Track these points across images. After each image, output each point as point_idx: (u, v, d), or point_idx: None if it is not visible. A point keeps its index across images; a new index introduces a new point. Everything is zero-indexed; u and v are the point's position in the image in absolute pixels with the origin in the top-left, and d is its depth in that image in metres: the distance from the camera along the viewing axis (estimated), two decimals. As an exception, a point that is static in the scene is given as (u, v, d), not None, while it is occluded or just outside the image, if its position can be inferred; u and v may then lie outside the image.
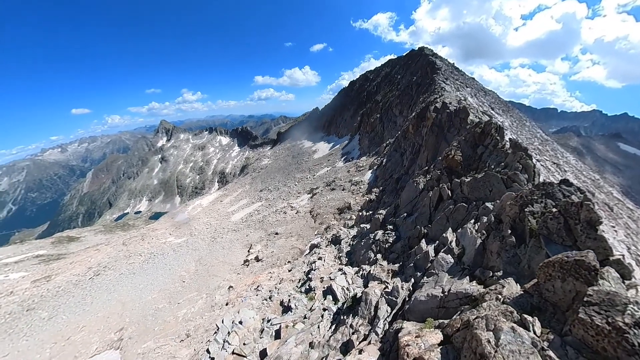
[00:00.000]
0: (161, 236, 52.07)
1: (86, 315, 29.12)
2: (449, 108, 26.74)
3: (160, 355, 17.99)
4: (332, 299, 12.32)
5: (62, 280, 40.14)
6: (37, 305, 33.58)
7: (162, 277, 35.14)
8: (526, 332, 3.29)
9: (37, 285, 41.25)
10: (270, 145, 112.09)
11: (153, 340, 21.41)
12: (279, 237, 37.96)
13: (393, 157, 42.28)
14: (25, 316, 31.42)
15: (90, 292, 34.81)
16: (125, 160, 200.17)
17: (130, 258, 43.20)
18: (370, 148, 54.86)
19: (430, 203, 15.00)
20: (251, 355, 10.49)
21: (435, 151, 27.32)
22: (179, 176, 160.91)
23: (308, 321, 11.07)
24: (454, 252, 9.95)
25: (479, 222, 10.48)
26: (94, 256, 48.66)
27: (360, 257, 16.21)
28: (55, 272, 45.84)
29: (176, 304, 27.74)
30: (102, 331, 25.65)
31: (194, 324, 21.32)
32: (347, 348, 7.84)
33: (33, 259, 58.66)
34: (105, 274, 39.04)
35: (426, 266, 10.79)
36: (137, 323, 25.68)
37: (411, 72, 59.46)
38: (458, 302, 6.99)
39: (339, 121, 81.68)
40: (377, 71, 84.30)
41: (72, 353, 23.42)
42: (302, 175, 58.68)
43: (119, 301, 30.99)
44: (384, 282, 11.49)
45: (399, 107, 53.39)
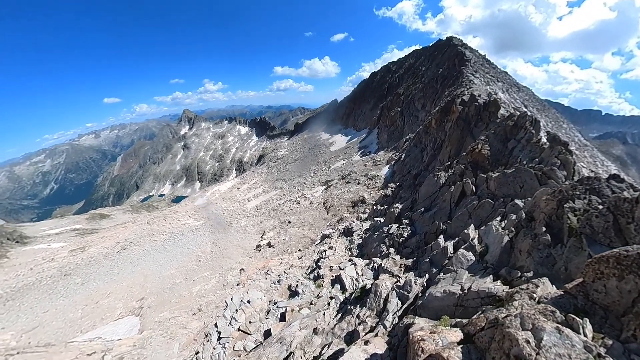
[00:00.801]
0: (181, 218, 54.59)
1: (113, 284, 31.61)
2: (477, 101, 24.87)
3: (174, 325, 18.90)
4: (340, 288, 12.03)
5: (94, 252, 43.90)
6: (72, 272, 37.10)
7: (180, 255, 36.94)
8: (576, 334, 2.72)
9: (73, 254, 45.44)
10: (287, 136, 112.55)
11: (169, 311, 22.70)
12: (292, 225, 38.23)
13: (412, 153, 40.62)
14: (63, 280, 34.96)
15: (117, 263, 37.70)
16: (151, 147, 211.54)
17: (153, 236, 45.89)
18: (389, 143, 53.14)
19: (452, 198, 14.04)
20: (255, 333, 10.56)
21: (459, 146, 25.70)
22: (199, 163, 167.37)
23: (314, 307, 10.90)
24: (475, 249, 9.17)
25: (507, 220, 9.55)
26: (122, 232, 52.49)
27: (371, 249, 15.70)
28: (89, 244, 50.18)
29: (191, 281, 29.08)
30: (126, 299, 27.69)
31: (206, 300, 22.23)
32: (351, 338, 7.52)
33: (71, 231, 64.52)
34: (130, 249, 42.01)
35: (443, 262, 10.09)
36: (156, 294, 27.33)
37: (437, 63, 56.17)
38: (479, 301, 6.35)
39: (358, 114, 79.72)
40: (400, 62, 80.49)
41: (99, 315, 25.60)
42: (318, 167, 58.38)
43: (141, 273, 33.15)
44: (396, 275, 10.96)
45: (422, 101, 50.92)
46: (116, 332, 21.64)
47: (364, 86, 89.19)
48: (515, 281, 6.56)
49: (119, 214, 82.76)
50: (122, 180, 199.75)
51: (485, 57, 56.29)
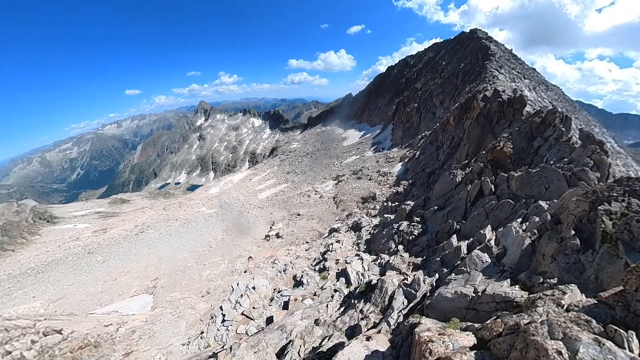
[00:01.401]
0: (195, 205, 56.34)
1: (130, 263, 33.34)
2: (501, 96, 23.37)
3: (183, 305, 19.62)
4: (345, 281, 11.80)
5: (114, 233, 46.56)
6: (95, 250, 39.59)
7: (193, 240, 38.21)
8: (620, 349, 2.30)
9: (96, 234, 48.41)
10: (300, 129, 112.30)
11: (179, 292, 23.66)
12: (301, 218, 38.33)
13: (428, 151, 39.24)
14: (86, 257, 37.43)
15: (135, 245, 39.72)
16: (169, 137, 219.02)
17: (168, 221, 47.78)
18: (403, 139, 51.66)
19: (468, 197, 13.30)
20: (258, 319, 10.63)
21: (479, 145, 24.40)
22: (214, 153, 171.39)
23: (317, 298, 10.76)
24: (492, 251, 8.58)
25: (528, 222, 8.84)
26: (140, 217, 55.14)
27: (380, 246, 15.28)
28: (110, 226, 53.22)
29: (202, 265, 30.04)
30: (141, 278, 29.14)
31: (215, 284, 22.90)
32: (353, 332, 7.28)
33: (94, 214, 68.67)
34: (147, 232, 44.04)
35: (455, 263, 9.57)
36: (168, 275, 28.54)
37: (459, 57, 53.39)
38: (494, 305, 5.88)
39: (373, 109, 77.83)
40: (418, 56, 77.02)
41: (117, 291, 27.16)
42: (330, 161, 57.91)
43: (156, 256, 34.69)
44: (404, 273, 10.55)
45: (440, 97, 48.84)
46: (131, 307, 22.81)
47: (379, 80, 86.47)
48: (536, 287, 6.00)
49: (138, 200, 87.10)
50: (141, 168, 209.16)
51: (511, 52, 52.90)
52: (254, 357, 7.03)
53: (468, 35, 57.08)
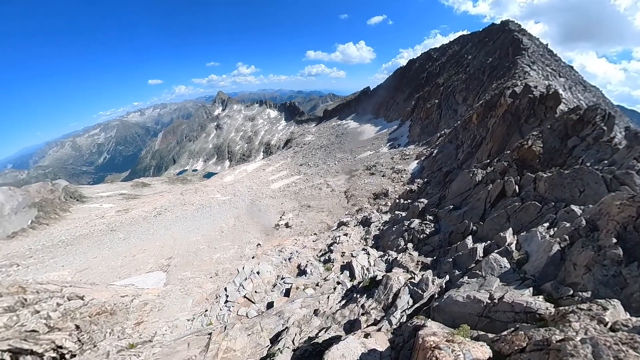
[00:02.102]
0: (210, 192, 58.02)
1: (148, 242, 35.15)
2: (532, 92, 21.43)
3: (192, 284, 20.42)
4: (349, 275, 11.41)
5: (135, 214, 49.33)
6: (117, 228, 42.24)
7: (206, 225, 39.44)
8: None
9: (119, 214, 51.59)
10: (315, 122, 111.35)
11: (190, 271, 24.63)
12: (311, 210, 38.22)
13: (446, 149, 37.37)
14: (109, 234, 40.10)
15: (153, 226, 41.83)
16: (188, 125, 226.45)
17: (184, 206, 49.66)
18: (421, 137, 49.62)
19: (488, 198, 12.29)
20: (259, 303, 10.62)
21: (503, 144, 22.71)
22: (230, 143, 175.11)
23: (319, 289, 10.48)
24: (512, 256, 7.77)
25: (557, 227, 7.91)
26: (159, 200, 57.92)
27: (388, 242, 14.67)
28: (132, 207, 56.49)
29: (213, 248, 30.95)
30: (157, 256, 30.63)
31: (223, 267, 23.55)
32: (352, 327, 6.90)
33: (118, 195, 73.26)
34: (165, 215, 46.15)
35: (469, 265, 8.83)
36: (181, 256, 29.74)
37: (486, 51, 49.82)
38: (512, 315, 5.23)
39: (391, 104, 75.20)
40: (442, 49, 72.56)
41: (135, 266, 28.79)
42: (343, 155, 57.06)
43: (171, 237, 36.26)
44: (411, 272, 9.96)
45: (464, 94, 46.09)
46: (146, 282, 24.06)
47: (400, 74, 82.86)
48: (565, 300, 5.25)
49: (157, 184, 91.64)
50: (161, 154, 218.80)
51: (547, 47, 48.56)
52: (247, 339, 6.89)
53: (498, 27, 53.04)
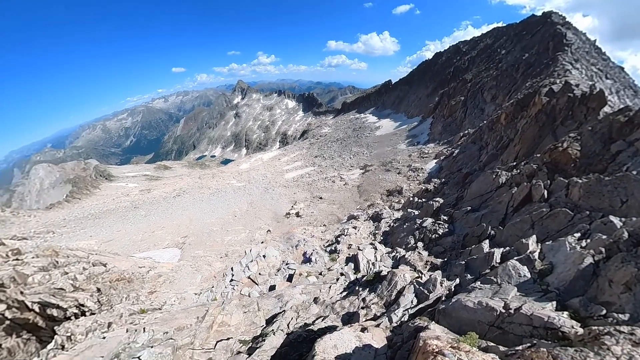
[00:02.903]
0: (226, 178, 59.74)
1: (166, 220, 37.06)
2: (573, 91, 19.31)
3: (203, 261, 21.41)
4: (354, 267, 11.11)
5: (156, 194, 52.32)
6: (140, 206, 45.04)
7: (220, 208, 40.74)
8: None
9: (142, 193, 55.01)
10: (333, 114, 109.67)
11: (203, 250, 25.70)
12: (322, 201, 38.07)
13: (468, 150, 35.28)
14: (132, 211, 42.89)
15: (171, 206, 44.08)
16: (208, 113, 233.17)
17: (202, 189, 51.66)
18: (442, 135, 47.21)
19: (511, 201, 11.29)
20: (262, 285, 10.73)
21: (533, 147, 20.86)
22: (247, 131, 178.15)
23: (322, 278, 10.31)
24: (534, 265, 7.03)
25: (591, 238, 7.01)
26: (179, 183, 60.89)
27: (397, 239, 14.09)
28: (154, 187, 59.97)
29: (225, 231, 31.94)
30: (173, 234, 32.24)
31: (233, 248, 24.31)
32: (350, 319, 6.62)
33: (142, 176, 78.10)
34: (183, 196, 48.38)
35: (483, 271, 8.16)
36: (196, 235, 31.04)
37: (523, 46, 45.61)
38: (529, 330, 4.66)
39: (413, 99, 71.85)
40: (473, 43, 66.99)
41: (153, 241, 30.54)
42: (359, 149, 55.93)
43: (188, 217, 37.93)
44: (418, 271, 9.43)
45: (493, 92, 42.89)
46: (162, 256, 25.43)
47: (424, 68, 78.11)
48: (596, 320, 4.58)
49: (178, 168, 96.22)
50: (182, 140, 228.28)
51: (594, 44, 43.59)
52: (243, 316, 6.89)
53: (539, 20, 48.18)
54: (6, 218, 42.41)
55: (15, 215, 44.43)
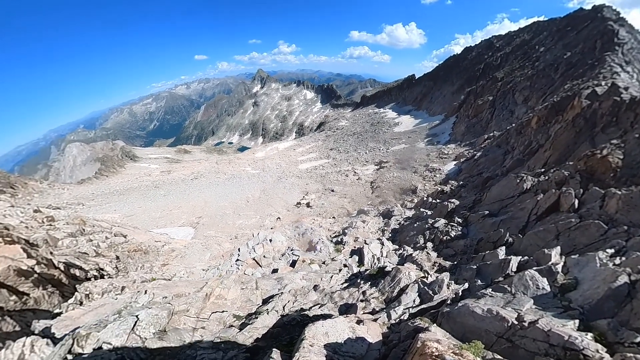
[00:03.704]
0: (242, 165, 61.08)
1: (183, 201, 38.79)
2: (620, 95, 17.26)
3: (213, 241, 22.34)
4: (358, 260, 10.88)
5: (176, 176, 54.91)
6: (160, 186, 47.50)
7: (234, 193, 41.87)
8: None
9: (162, 174, 57.97)
10: (351, 107, 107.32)
11: (214, 231, 26.69)
12: (334, 194, 37.85)
13: (492, 153, 33.20)
14: (153, 190, 45.39)
15: (189, 187, 46.01)
16: (228, 100, 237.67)
17: (218, 174, 53.31)
18: (464, 136, 44.73)
19: (535, 209, 10.37)
20: (265, 267, 10.91)
21: (566, 154, 19.06)
22: (265, 120, 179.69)
23: (325, 267, 10.20)
24: (555, 278, 6.37)
25: (627, 256, 6.21)
26: (197, 166, 63.39)
27: (406, 237, 13.57)
28: (174, 170, 62.99)
29: (237, 215, 32.83)
30: (189, 214, 33.66)
31: (243, 232, 24.98)
32: (347, 310, 6.43)
33: (163, 158, 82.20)
34: (200, 179, 50.28)
35: (496, 278, 7.57)
36: (209, 217, 32.20)
37: (565, 44, 41.38)
38: (544, 347, 4.18)
39: (436, 96, 68.26)
40: (508, 38, 61.30)
41: (170, 219, 32.12)
42: (376, 145, 54.60)
43: (203, 199, 39.40)
44: (425, 271, 8.99)
45: (526, 93, 39.66)
46: (177, 233, 26.72)
47: (451, 63, 72.81)
48: (627, 347, 4.01)
49: (197, 152, 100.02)
50: (202, 126, 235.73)
51: (654, 45, 38.70)
52: (240, 292, 6.96)
53: (587, 14, 43.27)
54: (44, 189, 46.57)
55: (51, 188, 48.70)
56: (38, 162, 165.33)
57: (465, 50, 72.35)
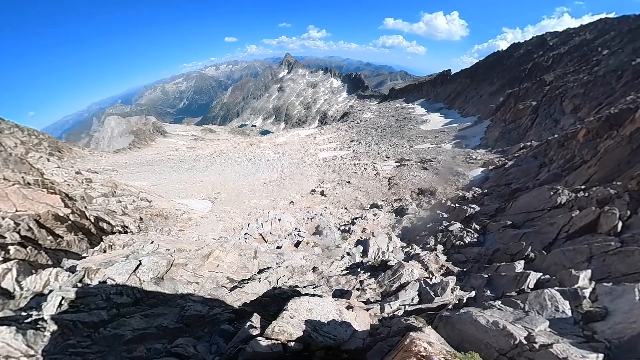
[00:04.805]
0: (263, 148, 62.32)
1: (204, 176, 40.88)
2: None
3: (227, 215, 23.40)
4: (362, 251, 10.65)
5: (200, 152, 57.90)
6: (185, 161, 50.38)
7: (252, 174, 43.11)
8: None
9: (188, 150, 61.56)
10: (378, 99, 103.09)
11: (230, 207, 27.83)
12: (349, 186, 37.42)
13: (525, 164, 30.39)
14: (178, 164, 48.29)
15: (211, 164, 48.22)
16: (254, 84, 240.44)
17: (239, 154, 55.05)
18: (497, 142, 41.30)
19: (567, 225, 9.25)
20: (270, 244, 11.24)
21: (614, 173, 16.73)
22: (288, 106, 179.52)
23: (327, 252, 10.13)
24: (580, 303, 5.62)
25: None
26: (220, 145, 66.08)
27: (416, 237, 12.95)
28: (199, 147, 66.38)
29: (253, 195, 33.82)
30: (208, 188, 35.35)
31: (256, 211, 25.83)
32: (340, 295, 6.26)
33: (190, 136, 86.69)
34: (222, 158, 52.34)
35: (508, 291, 6.91)
36: (227, 193, 33.56)
37: (636, 47, 35.57)
38: (556, 372, 3.71)
39: (472, 95, 62.99)
40: (565, 36, 53.48)
41: (190, 192, 34.06)
42: (399, 141, 52.46)
43: (223, 177, 41.18)
44: (430, 272, 8.51)
45: (577, 101, 35.22)
46: (195, 205, 28.26)
47: (494, 60, 65.11)
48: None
49: (221, 132, 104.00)
50: (228, 107, 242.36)
51: None
52: (237, 258, 7.17)
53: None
54: (85, 155, 51.99)
55: (91, 154, 54.13)
56: (81, 131, 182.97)
57: (512, 46, 64.71)
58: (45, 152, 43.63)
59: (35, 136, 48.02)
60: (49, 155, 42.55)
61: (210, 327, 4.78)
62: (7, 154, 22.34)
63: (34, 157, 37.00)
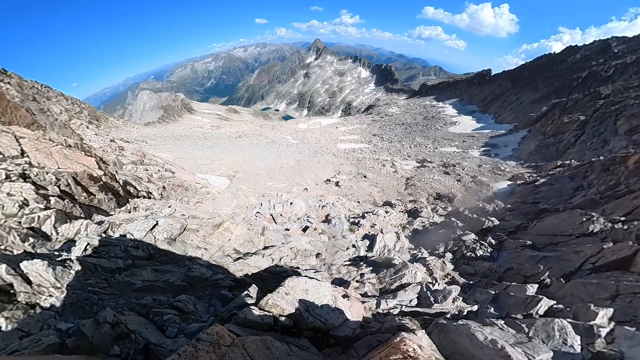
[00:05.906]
0: (284, 132, 62.81)
1: (225, 155, 42.50)
2: None
3: (242, 194, 24.49)
4: (368, 245, 10.66)
5: (223, 131, 59.85)
6: (208, 138, 52.57)
7: (271, 157, 43.98)
8: None
9: (212, 128, 63.95)
10: (407, 94, 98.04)
11: (246, 186, 28.89)
12: (365, 180, 36.96)
13: (559, 184, 27.81)
14: (202, 140, 50.61)
15: (232, 144, 49.78)
16: (281, 68, 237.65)
17: (260, 137, 56.10)
18: (532, 156, 38.05)
19: (595, 257, 8.49)
20: (279, 225, 11.68)
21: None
22: (313, 93, 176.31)
23: (333, 241, 10.27)
24: (593, 341, 5.24)
25: None
26: (242, 127, 67.73)
27: (426, 241, 12.62)
28: (222, 126, 68.61)
29: (269, 177, 34.68)
30: (227, 166, 36.74)
31: (270, 192, 26.62)
32: (339, 284, 6.35)
33: (215, 115, 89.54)
34: (243, 139, 53.73)
35: (514, 313, 6.62)
36: (245, 172, 34.72)
37: None
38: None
39: (511, 100, 57.69)
40: (634, 43, 45.73)
41: (212, 168, 35.60)
42: (423, 141, 50.24)
43: (242, 157, 42.57)
44: (434, 277, 8.33)
45: (635, 122, 31.03)
46: (214, 181, 29.67)
47: (543, 63, 57.73)
48: None
49: (245, 114, 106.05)
50: (253, 89, 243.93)
51: None
52: (246, 232, 7.56)
53: None
54: (119, 126, 56.81)
55: (125, 125, 58.76)
56: (117, 104, 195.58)
57: (568, 50, 56.72)
58: (85, 120, 47.78)
59: (78, 105, 52.55)
60: (88, 123, 46.59)
61: (211, 290, 5.17)
62: (53, 119, 24.91)
63: (76, 123, 40.48)
